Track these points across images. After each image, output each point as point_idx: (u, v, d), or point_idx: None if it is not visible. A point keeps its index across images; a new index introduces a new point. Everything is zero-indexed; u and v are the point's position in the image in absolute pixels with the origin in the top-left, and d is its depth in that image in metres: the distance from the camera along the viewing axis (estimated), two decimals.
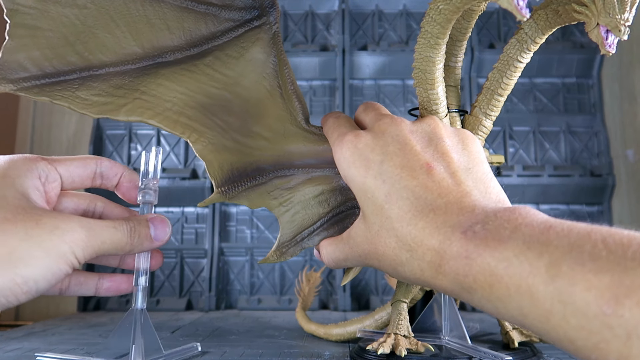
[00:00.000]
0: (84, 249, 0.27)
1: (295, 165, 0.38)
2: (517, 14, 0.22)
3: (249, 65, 0.37)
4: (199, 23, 0.35)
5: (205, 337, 0.52)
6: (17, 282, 0.25)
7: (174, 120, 0.36)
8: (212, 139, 0.36)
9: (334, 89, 0.87)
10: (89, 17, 0.33)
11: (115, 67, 0.34)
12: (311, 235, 0.39)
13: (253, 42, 0.37)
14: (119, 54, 0.34)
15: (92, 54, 0.34)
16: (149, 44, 0.35)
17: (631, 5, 0.26)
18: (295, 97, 0.38)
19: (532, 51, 0.33)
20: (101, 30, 0.34)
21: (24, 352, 0.44)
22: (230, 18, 0.36)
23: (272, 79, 0.37)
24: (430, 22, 0.30)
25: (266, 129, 0.37)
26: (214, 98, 0.36)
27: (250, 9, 0.36)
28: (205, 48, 0.36)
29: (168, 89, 0.36)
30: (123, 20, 0.34)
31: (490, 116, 0.36)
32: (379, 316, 0.47)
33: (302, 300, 0.58)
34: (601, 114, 0.84)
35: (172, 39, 0.35)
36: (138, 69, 0.35)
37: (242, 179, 0.37)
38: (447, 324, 0.38)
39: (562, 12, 0.31)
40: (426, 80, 0.33)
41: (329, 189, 0.39)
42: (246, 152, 0.37)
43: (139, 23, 0.34)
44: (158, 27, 0.35)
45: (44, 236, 0.26)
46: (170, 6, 0.35)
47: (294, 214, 0.39)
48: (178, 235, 0.83)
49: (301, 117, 0.38)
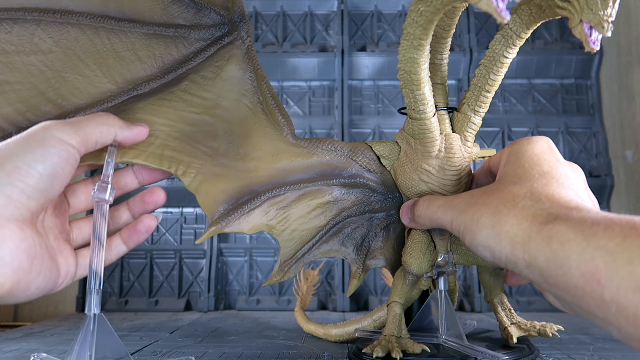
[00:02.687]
0: (63, 130, 0.29)
1: (287, 183, 0.38)
2: (496, 16, 0.22)
3: (227, 84, 0.36)
4: (170, 48, 0.34)
5: (204, 337, 0.52)
6: (9, 169, 0.27)
7: (159, 155, 0.35)
8: (200, 169, 0.36)
9: (333, 89, 0.87)
10: (56, 62, 0.32)
11: (91, 109, 0.33)
12: (311, 250, 0.39)
13: (227, 59, 0.36)
14: (93, 95, 0.33)
15: (65, 100, 0.32)
16: (122, 78, 0.34)
17: (614, 0, 0.26)
18: (278, 111, 0.37)
19: (517, 46, 0.33)
20: (71, 73, 0.32)
21: (22, 353, 0.44)
22: (200, 38, 0.35)
23: (252, 96, 0.36)
24: (412, 24, 0.30)
25: (254, 149, 0.37)
26: (195, 124, 0.36)
27: (219, 25, 0.35)
28: (180, 73, 0.35)
29: (148, 123, 0.35)
30: (91, 58, 0.33)
31: (479, 113, 0.36)
32: (377, 316, 0.47)
33: (301, 299, 0.58)
34: (600, 114, 0.84)
35: (145, 69, 0.34)
36: (114, 107, 0.34)
37: (236, 206, 0.36)
38: (444, 323, 0.38)
39: (545, 7, 0.31)
40: (412, 81, 0.32)
41: (323, 202, 0.39)
42: (236, 177, 0.36)
43: (107, 58, 0.33)
44: (128, 59, 0.33)
45: (20, 138, 0.28)
46: (137, 35, 0.33)
47: (292, 231, 0.38)
48: (177, 235, 0.83)
49: (287, 131, 0.37)
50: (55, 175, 0.28)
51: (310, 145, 0.38)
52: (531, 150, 0.31)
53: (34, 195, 0.28)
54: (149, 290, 0.80)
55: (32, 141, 0.28)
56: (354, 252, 0.40)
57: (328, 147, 0.38)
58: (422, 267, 0.38)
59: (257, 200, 0.37)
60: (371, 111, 0.87)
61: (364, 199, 0.39)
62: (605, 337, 0.51)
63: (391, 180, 0.39)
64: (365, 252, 0.40)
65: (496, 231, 0.27)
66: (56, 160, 0.28)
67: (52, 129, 0.29)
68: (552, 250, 0.24)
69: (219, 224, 0.36)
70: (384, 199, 0.40)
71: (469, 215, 0.29)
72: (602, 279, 0.22)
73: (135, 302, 0.79)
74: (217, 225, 0.36)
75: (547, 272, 0.24)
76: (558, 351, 0.44)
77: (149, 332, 0.57)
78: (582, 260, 0.23)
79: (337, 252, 0.40)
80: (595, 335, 0.53)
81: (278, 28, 0.89)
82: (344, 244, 0.40)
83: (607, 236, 0.22)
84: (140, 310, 0.78)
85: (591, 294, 0.22)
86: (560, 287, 0.24)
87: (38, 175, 0.28)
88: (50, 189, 0.29)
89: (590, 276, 0.22)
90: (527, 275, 0.26)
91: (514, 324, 0.40)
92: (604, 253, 0.22)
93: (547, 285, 0.25)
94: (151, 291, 0.80)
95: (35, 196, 0.28)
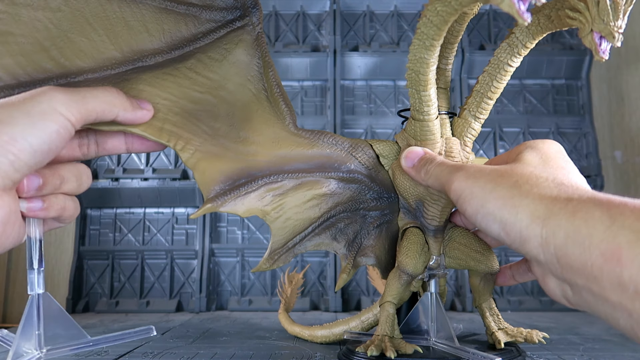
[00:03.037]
0: (67, 105, 0.29)
1: (285, 171, 0.37)
2: (518, 18, 0.22)
3: (233, 67, 0.36)
4: (179, 24, 0.34)
5: (196, 338, 0.52)
6: (5, 140, 0.26)
7: (159, 127, 0.34)
8: (200, 147, 0.35)
9: (325, 89, 0.87)
10: (63, 21, 0.31)
11: (93, 74, 0.33)
12: (303, 241, 0.39)
13: (236, 43, 0.35)
14: (97, 59, 0.33)
15: (68, 60, 0.32)
16: (128, 47, 0.33)
17: (624, 12, 0.27)
18: (282, 100, 0.37)
19: (522, 55, 0.34)
20: (77, 35, 0.32)
21: None
22: (211, 19, 0.34)
23: (257, 82, 0.36)
24: (426, 24, 0.30)
25: (254, 133, 0.37)
26: (198, 103, 0.35)
27: (232, 9, 0.35)
28: (187, 50, 0.34)
29: (150, 95, 0.34)
30: (100, 23, 0.32)
31: (479, 119, 0.36)
32: (365, 317, 0.47)
33: (285, 301, 0.57)
34: (590, 115, 0.85)
35: (152, 42, 0.34)
36: (118, 75, 0.33)
37: (233, 188, 0.36)
38: (434, 325, 0.39)
39: (554, 18, 0.31)
40: (419, 81, 0.33)
41: (319, 193, 0.39)
42: (235, 159, 0.36)
43: (116, 26, 0.32)
44: (137, 30, 0.33)
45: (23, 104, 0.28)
46: (149, 7, 0.33)
47: (286, 220, 0.38)
48: (168, 236, 0.82)
49: (289, 120, 0.37)
50: (48, 152, 0.28)
51: (312, 136, 0.38)
52: (547, 148, 0.32)
53: (22, 170, 0.28)
54: (140, 291, 0.80)
55: (35, 111, 0.28)
56: (345, 248, 0.40)
57: (329, 141, 0.38)
58: (417, 268, 0.38)
59: (254, 184, 0.37)
60: (363, 111, 0.87)
61: (360, 195, 0.40)
62: (595, 338, 0.51)
63: (388, 180, 0.39)
64: (357, 249, 0.40)
65: (514, 202, 0.26)
66: (53, 138, 0.28)
67: (55, 100, 0.28)
68: (575, 226, 0.23)
69: (214, 202, 0.36)
70: (379, 198, 0.40)
71: (479, 183, 0.28)
72: (623, 258, 0.21)
73: (126, 303, 0.79)
74: (212, 203, 0.36)
75: (564, 250, 0.24)
76: (548, 352, 0.44)
77: None
78: (604, 238, 0.22)
79: (328, 246, 0.40)
80: (585, 335, 0.53)
81: (270, 28, 0.88)
82: (336, 239, 0.40)
83: (635, 217, 0.22)
84: (131, 311, 0.77)
85: (608, 274, 0.22)
86: (574, 267, 0.23)
87: (32, 151, 0.27)
88: (39, 164, 0.29)
89: (611, 255, 0.22)
90: (536, 255, 0.25)
91: (501, 330, 0.40)
92: (629, 232, 0.22)
93: (558, 266, 0.24)
94: (142, 292, 0.80)
95: (23, 170, 0.28)
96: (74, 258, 0.80)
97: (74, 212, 0.33)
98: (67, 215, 0.33)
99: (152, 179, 0.80)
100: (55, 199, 0.32)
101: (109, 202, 0.82)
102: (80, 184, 0.33)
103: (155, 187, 0.80)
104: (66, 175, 0.32)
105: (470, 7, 0.33)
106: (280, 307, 0.57)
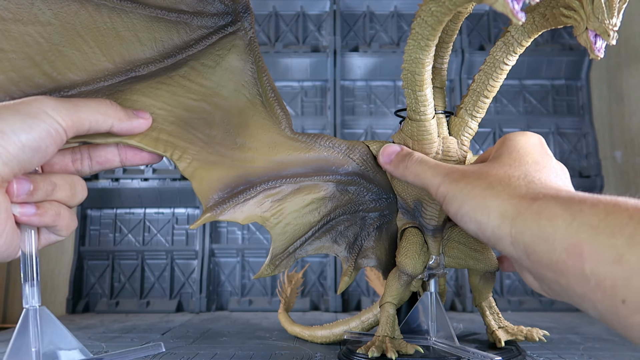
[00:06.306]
0: (57, 109, 0.29)
1: (283, 176, 0.37)
2: (512, 17, 0.22)
3: (226, 74, 0.35)
4: (171, 32, 0.33)
5: (196, 339, 0.52)
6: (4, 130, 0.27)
7: (155, 138, 0.34)
8: (196, 155, 0.35)
9: (325, 90, 0.87)
10: (54, 34, 0.31)
11: (87, 86, 0.32)
12: (303, 245, 0.39)
13: (229, 49, 0.35)
14: (90, 72, 0.32)
15: (60, 74, 0.32)
16: (120, 58, 0.33)
17: (618, 10, 0.27)
18: (277, 104, 0.36)
19: (518, 54, 0.34)
20: (69, 48, 0.31)
21: None
22: (202, 25, 0.34)
23: (252, 87, 0.36)
24: (421, 24, 0.30)
25: (251, 139, 0.36)
26: (193, 111, 0.35)
27: (223, 14, 0.34)
28: (180, 58, 0.34)
29: (145, 105, 0.34)
30: (91, 34, 0.32)
31: (476, 117, 0.36)
32: (365, 317, 0.47)
33: (285, 301, 0.57)
34: (590, 115, 0.85)
35: (144, 51, 0.33)
36: (111, 86, 0.33)
37: (231, 195, 0.36)
38: (434, 325, 0.39)
39: (549, 16, 0.31)
40: (415, 82, 0.33)
41: (318, 197, 0.39)
42: (233, 166, 0.36)
43: (107, 37, 0.32)
44: (128, 40, 0.33)
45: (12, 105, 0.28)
46: (139, 16, 0.32)
47: (285, 225, 0.38)
48: (168, 236, 0.82)
49: (285, 124, 0.37)
50: (37, 150, 0.28)
51: (308, 140, 0.38)
52: (525, 142, 0.32)
53: (11, 164, 0.27)
54: (140, 292, 0.80)
55: (24, 111, 0.28)
56: (346, 250, 0.40)
57: (326, 144, 0.38)
58: (417, 268, 0.38)
59: (252, 191, 0.37)
60: (363, 112, 0.87)
61: (359, 197, 0.40)
62: (595, 337, 0.51)
63: (386, 181, 0.39)
64: (357, 251, 0.40)
65: (486, 204, 0.28)
66: (43, 136, 0.28)
67: (45, 104, 0.29)
68: (540, 225, 0.25)
69: (213, 211, 0.36)
70: (378, 199, 0.40)
71: (460, 186, 0.30)
72: (584, 253, 0.23)
73: (126, 303, 0.79)
74: (211, 212, 0.36)
75: (532, 247, 0.25)
76: (548, 351, 0.44)
77: (140, 333, 0.56)
78: (567, 234, 0.23)
79: (329, 249, 0.40)
80: (585, 335, 0.53)
81: (270, 28, 0.88)
82: (336, 242, 0.40)
83: (592, 212, 0.23)
84: (132, 311, 0.77)
85: (572, 268, 0.23)
86: (543, 263, 0.25)
87: (20, 145, 0.27)
88: (29, 162, 0.28)
89: (573, 250, 0.23)
90: (510, 253, 0.27)
91: (502, 328, 0.40)
92: (588, 227, 0.23)
93: (529, 262, 0.26)
94: (142, 292, 0.80)
95: (11, 164, 0.27)
96: (74, 258, 0.80)
97: (69, 222, 0.32)
98: (62, 225, 0.32)
99: (152, 179, 0.80)
100: (49, 205, 0.31)
101: (109, 202, 0.82)
102: (74, 194, 0.33)
103: (155, 187, 0.80)
104: (58, 182, 0.32)
105: (464, 7, 0.32)
106: (280, 306, 0.57)
